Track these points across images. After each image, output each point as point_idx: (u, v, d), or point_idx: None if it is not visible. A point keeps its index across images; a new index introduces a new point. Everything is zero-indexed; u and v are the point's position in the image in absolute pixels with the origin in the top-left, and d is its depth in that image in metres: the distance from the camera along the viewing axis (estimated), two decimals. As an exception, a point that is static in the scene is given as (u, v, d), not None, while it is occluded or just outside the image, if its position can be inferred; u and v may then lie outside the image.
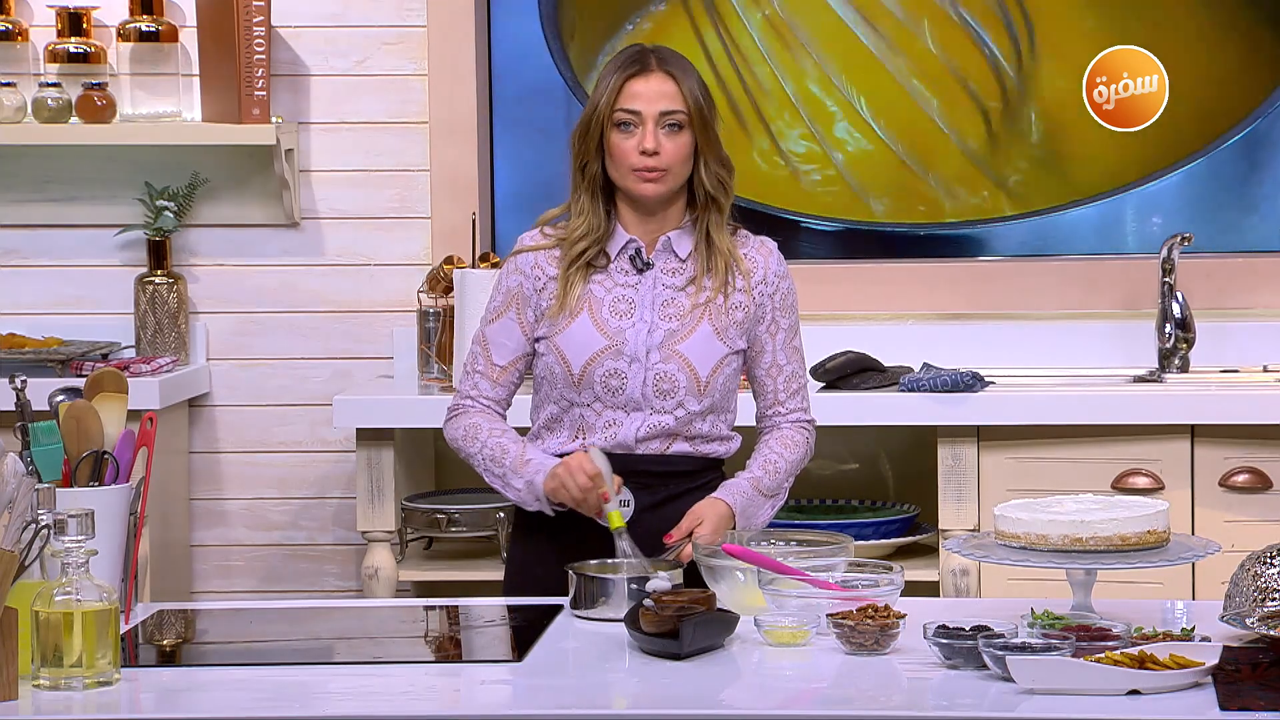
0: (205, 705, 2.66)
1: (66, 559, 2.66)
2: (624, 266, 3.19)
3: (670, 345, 3.16)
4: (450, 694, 2.69)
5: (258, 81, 4.34)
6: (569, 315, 3.17)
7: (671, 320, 3.17)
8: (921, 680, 2.67)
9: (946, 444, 4.14)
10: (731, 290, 3.18)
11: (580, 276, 3.18)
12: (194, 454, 4.54)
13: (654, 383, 3.16)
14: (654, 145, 3.13)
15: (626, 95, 3.14)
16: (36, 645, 2.65)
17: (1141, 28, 4.47)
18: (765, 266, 3.21)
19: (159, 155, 4.46)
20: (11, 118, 4.37)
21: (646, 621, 2.79)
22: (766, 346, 3.21)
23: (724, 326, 3.18)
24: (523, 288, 3.21)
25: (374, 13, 4.49)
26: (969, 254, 4.56)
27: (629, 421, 3.17)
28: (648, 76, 3.14)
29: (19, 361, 4.21)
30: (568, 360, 3.17)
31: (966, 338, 4.46)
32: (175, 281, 4.46)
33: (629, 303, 3.18)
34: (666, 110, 3.14)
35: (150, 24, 4.41)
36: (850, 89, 4.57)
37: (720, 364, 3.18)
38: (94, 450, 2.97)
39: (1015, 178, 4.57)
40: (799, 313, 3.27)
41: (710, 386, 3.17)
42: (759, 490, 3.18)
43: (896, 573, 2.93)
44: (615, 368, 3.16)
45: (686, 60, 3.20)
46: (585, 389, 3.17)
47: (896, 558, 4.12)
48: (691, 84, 3.16)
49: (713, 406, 3.19)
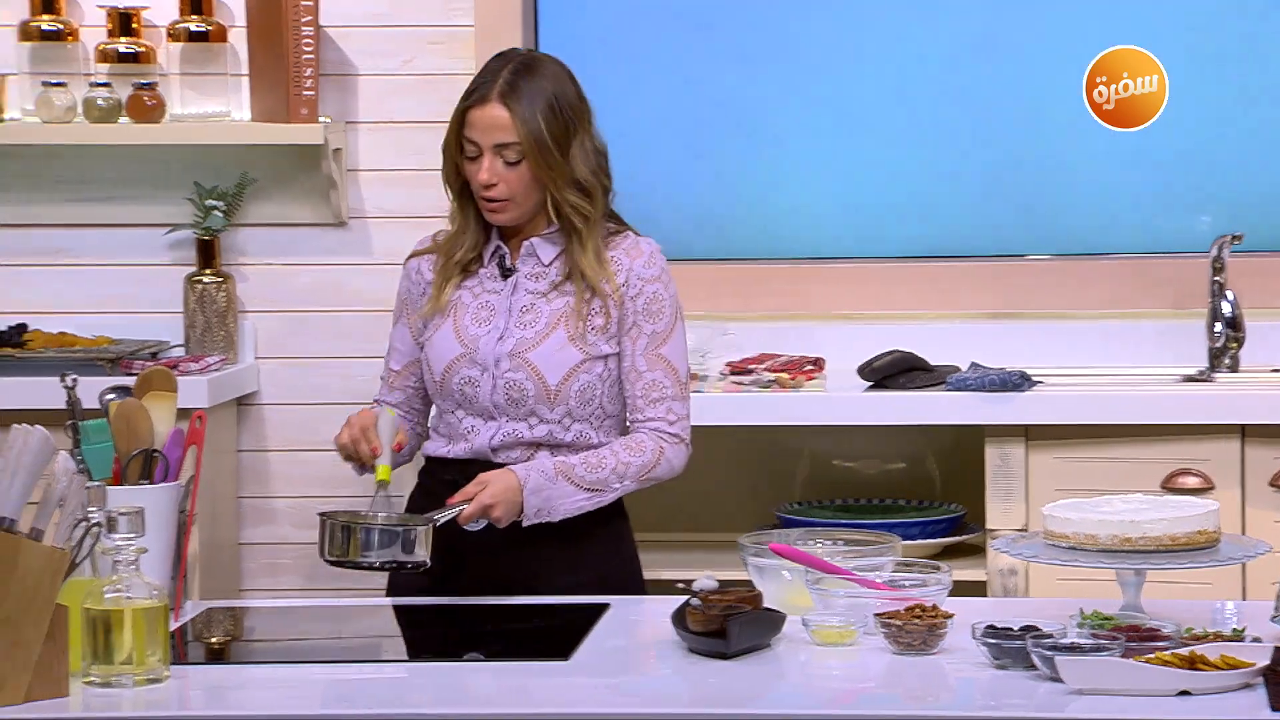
0: (253, 703, 2.67)
1: (117, 557, 2.68)
2: (492, 272, 3.20)
3: (520, 353, 3.14)
4: (497, 692, 2.69)
5: (306, 81, 4.36)
6: (440, 320, 3.18)
7: (526, 327, 3.15)
8: (969, 680, 2.66)
9: (994, 443, 4.12)
10: (592, 295, 3.15)
11: (453, 282, 3.18)
12: (242, 452, 4.55)
13: (504, 390, 3.14)
14: (488, 178, 3.11)
15: (467, 124, 3.13)
16: (87, 642, 2.66)
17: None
18: (629, 270, 3.16)
19: (208, 155, 4.48)
20: (62, 117, 4.39)
21: (693, 620, 2.78)
22: (626, 351, 3.17)
23: (581, 332, 3.14)
24: (410, 293, 3.25)
25: (421, 13, 4.49)
26: (1017, 252, 4.54)
27: (485, 430, 3.17)
28: (484, 106, 3.12)
29: (69, 360, 4.23)
30: (432, 368, 3.20)
31: (1014, 337, 4.44)
32: (224, 280, 4.48)
33: (490, 309, 3.18)
34: (500, 143, 3.11)
35: (200, 24, 4.43)
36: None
37: (575, 371, 3.14)
38: (144, 448, 2.99)
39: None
40: (675, 319, 3.18)
41: (562, 395, 3.14)
42: (566, 476, 3.11)
43: (944, 572, 2.92)
44: (469, 375, 3.16)
45: (545, 77, 3.13)
46: (447, 396, 3.19)
47: (943, 557, 4.10)
48: (533, 112, 3.10)
49: (572, 414, 3.16)
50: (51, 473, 2.68)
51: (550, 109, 3.12)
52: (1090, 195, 4.52)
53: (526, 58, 3.18)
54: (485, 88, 3.13)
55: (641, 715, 2.57)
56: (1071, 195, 4.53)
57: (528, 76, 3.13)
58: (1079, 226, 4.54)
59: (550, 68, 3.17)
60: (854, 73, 4.53)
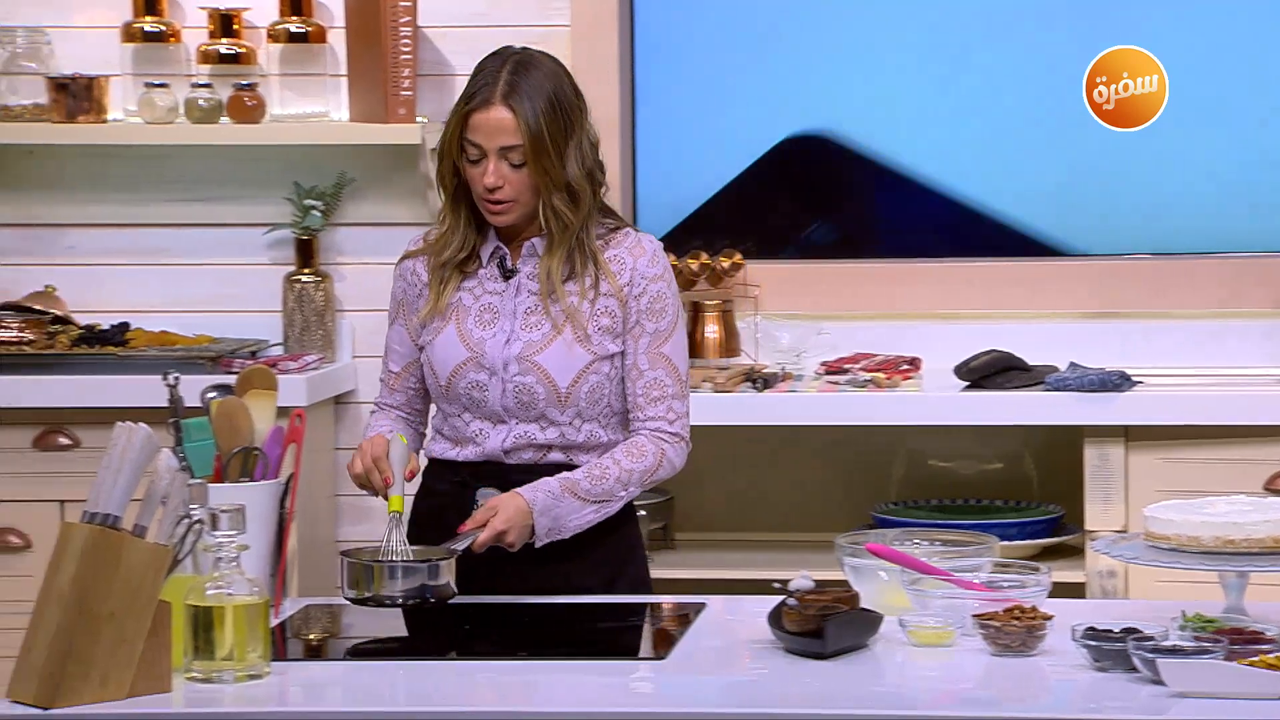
0: (351, 700, 2.68)
1: (218, 554, 2.70)
2: (493, 273, 3.18)
3: (529, 356, 3.12)
4: (594, 691, 2.69)
5: (403, 81, 4.38)
6: (439, 324, 3.17)
7: (533, 330, 3.13)
8: (1069, 682, 2.64)
9: (1093, 444, 4.09)
10: (598, 295, 3.13)
11: (452, 283, 3.17)
12: (339, 451, 4.58)
13: (514, 394, 3.13)
14: (495, 181, 3.08)
15: (469, 127, 3.10)
16: (189, 638, 2.69)
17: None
18: (632, 269, 3.14)
19: (307, 155, 4.51)
20: (164, 118, 4.44)
21: (790, 620, 2.78)
22: (629, 350, 3.14)
23: (589, 333, 3.12)
24: (406, 294, 3.24)
25: (518, 12, 4.51)
26: (1117, 251, 4.50)
27: (495, 433, 3.15)
28: (488, 109, 3.08)
29: (171, 359, 4.27)
30: (436, 372, 3.18)
31: (1114, 336, 4.40)
32: (322, 280, 4.51)
33: (493, 312, 3.16)
34: (505, 146, 3.08)
35: (300, 25, 4.46)
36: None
37: (584, 372, 3.12)
38: (245, 446, 3.01)
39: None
40: (677, 317, 3.16)
41: (572, 397, 3.12)
42: (573, 492, 3.10)
43: (1043, 573, 2.90)
44: (477, 380, 3.14)
45: (543, 73, 3.11)
46: (454, 400, 3.17)
47: (1041, 558, 4.07)
48: (535, 112, 3.07)
49: (582, 415, 3.14)
50: (154, 470, 2.71)
51: (551, 108, 3.09)
52: (1192, 194, 4.48)
53: (522, 55, 3.13)
54: (487, 90, 3.09)
55: (739, 715, 2.57)
56: (1173, 194, 4.49)
57: (526, 75, 3.09)
58: (1180, 225, 4.49)
59: (546, 64, 3.14)
60: (951, 72, 4.51)
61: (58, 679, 2.58)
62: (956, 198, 4.52)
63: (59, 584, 2.62)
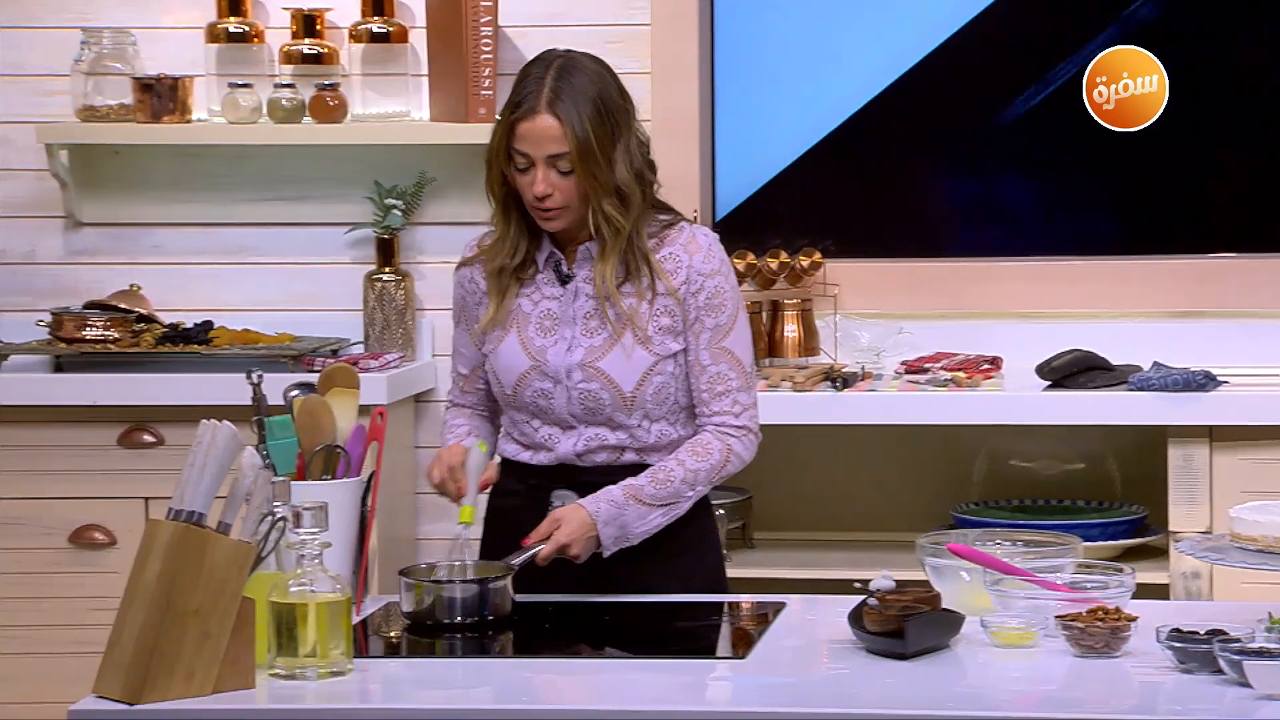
0: (432, 697, 2.69)
1: (301, 551, 2.71)
2: (550, 278, 3.17)
3: (591, 363, 3.12)
4: (675, 690, 2.69)
5: (484, 81, 4.39)
6: (500, 333, 3.16)
7: (594, 335, 3.12)
8: (1154, 684, 2.62)
9: (1177, 444, 4.06)
10: (655, 294, 3.12)
11: (510, 291, 3.16)
12: (419, 449, 4.60)
13: (579, 401, 3.12)
14: (544, 189, 3.07)
15: (516, 136, 3.08)
16: (272, 635, 2.70)
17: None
18: (688, 266, 3.12)
19: (387, 154, 4.53)
20: (247, 118, 4.47)
21: (871, 620, 2.77)
22: (691, 346, 3.13)
23: (649, 334, 3.11)
24: (466, 301, 3.24)
25: (598, 11, 4.51)
26: (1201, 249, 4.46)
27: (566, 439, 3.15)
28: (534, 118, 3.06)
29: (253, 357, 4.30)
30: (501, 380, 3.18)
31: (1198, 336, 4.36)
32: (402, 279, 4.53)
33: (553, 318, 3.15)
34: (552, 154, 3.06)
35: (381, 25, 4.48)
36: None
37: (648, 374, 3.11)
38: (327, 444, 3.03)
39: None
40: (737, 310, 3.14)
41: (638, 400, 3.11)
42: (637, 499, 3.09)
43: (1127, 574, 2.88)
44: (542, 388, 3.14)
45: (588, 78, 3.08)
46: (520, 408, 3.17)
47: (1124, 559, 4.04)
48: (580, 119, 3.05)
49: (650, 416, 3.14)
50: (238, 468, 2.73)
51: (597, 113, 3.07)
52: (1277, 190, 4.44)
53: (566, 60, 3.12)
54: (532, 98, 3.07)
55: (820, 715, 2.56)
56: (1258, 190, 4.44)
57: (570, 80, 3.08)
58: (1265, 223, 4.45)
59: (591, 67, 3.12)
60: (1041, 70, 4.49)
61: (143, 674, 2.60)
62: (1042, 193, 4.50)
63: (145, 581, 2.64)
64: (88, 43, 4.47)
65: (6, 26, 4.58)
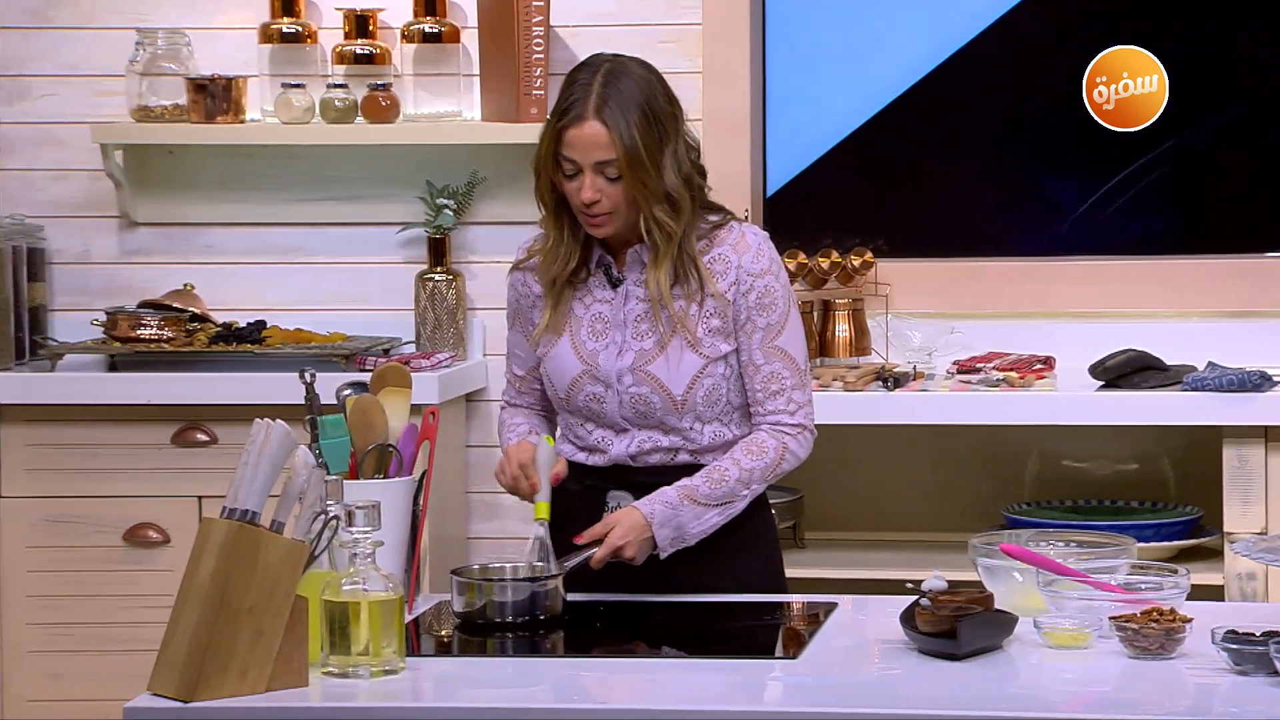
0: (484, 696, 2.70)
1: (354, 549, 2.72)
2: (600, 281, 3.17)
3: (641, 367, 3.12)
4: (727, 690, 2.69)
5: (535, 81, 4.40)
6: (553, 336, 3.16)
7: (644, 338, 3.12)
8: (1209, 686, 2.60)
9: (1232, 444, 4.03)
10: (704, 296, 3.11)
11: (565, 297, 3.16)
12: (470, 448, 4.61)
13: (631, 405, 3.13)
14: (592, 196, 3.06)
15: (564, 143, 3.07)
16: (325, 633, 2.71)
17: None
18: (738, 267, 3.11)
19: (439, 154, 4.54)
20: (300, 118, 4.49)
21: (923, 621, 2.76)
22: (743, 346, 3.13)
23: (699, 336, 3.10)
24: (519, 304, 3.24)
25: (650, 11, 4.51)
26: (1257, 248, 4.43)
27: (619, 441, 3.15)
28: (581, 125, 3.05)
29: (306, 356, 4.32)
30: (554, 383, 3.19)
31: (1254, 336, 4.33)
32: (454, 278, 4.54)
33: (604, 322, 3.15)
34: (600, 161, 3.05)
35: (433, 25, 4.49)
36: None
37: (699, 377, 3.11)
38: (379, 443, 3.03)
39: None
40: (789, 308, 3.13)
41: (689, 403, 3.11)
42: (692, 499, 3.08)
43: (1182, 575, 2.86)
44: (594, 392, 3.14)
45: (635, 83, 3.07)
46: (574, 411, 3.18)
47: (1178, 560, 4.02)
48: (628, 125, 3.04)
49: (701, 418, 3.13)
50: (291, 466, 2.74)
51: (644, 119, 3.06)
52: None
53: (613, 65, 3.11)
54: (580, 105, 3.06)
55: (873, 715, 2.56)
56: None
57: (617, 86, 3.07)
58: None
59: (638, 72, 3.11)
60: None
61: (198, 672, 2.61)
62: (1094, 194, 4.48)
63: (199, 579, 2.65)
64: (142, 43, 4.50)
65: (62, 27, 4.61)
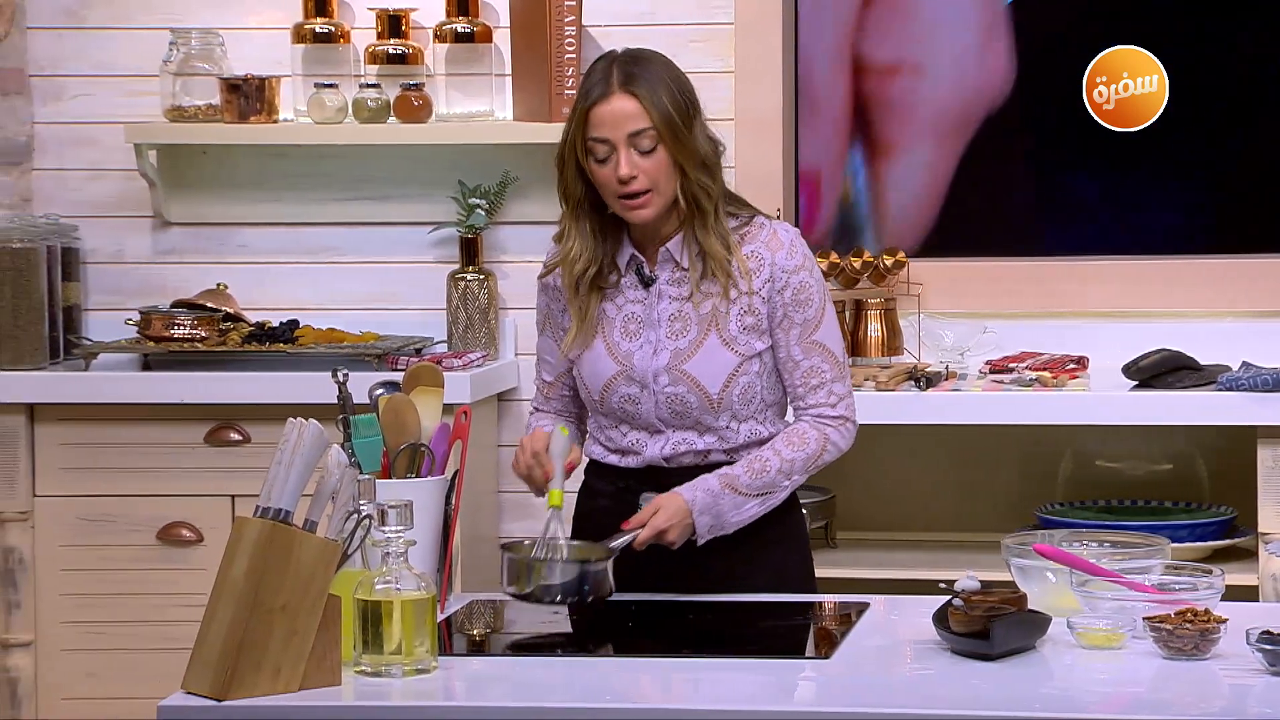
0: (516, 694, 2.70)
1: (386, 549, 2.73)
2: (632, 281, 3.15)
3: (677, 366, 3.11)
4: (759, 690, 2.69)
5: (568, 80, 4.40)
6: (586, 338, 3.15)
7: (678, 337, 3.11)
8: (1244, 687, 2.59)
9: (1267, 444, 4.01)
10: (738, 294, 3.10)
11: (594, 296, 3.14)
12: (502, 448, 4.62)
13: (667, 405, 3.12)
14: (629, 171, 3.04)
15: (592, 124, 3.06)
16: (358, 632, 2.72)
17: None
18: (771, 263, 3.10)
19: (471, 154, 4.55)
20: (333, 118, 4.49)
21: (956, 621, 2.76)
22: (781, 343, 3.12)
23: (733, 334, 3.10)
24: (550, 308, 3.23)
25: (681, 10, 4.51)
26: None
27: (653, 443, 3.15)
28: (609, 100, 3.04)
29: (339, 356, 4.33)
30: (588, 386, 3.18)
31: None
32: (486, 278, 4.54)
33: (638, 322, 3.14)
34: (634, 131, 3.04)
35: (466, 25, 4.50)
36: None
37: (734, 375, 3.10)
38: (412, 442, 3.04)
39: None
40: (824, 302, 3.12)
41: (725, 401, 3.10)
42: (733, 488, 3.08)
43: (1216, 576, 2.85)
44: (629, 393, 3.13)
45: (655, 63, 3.08)
46: (608, 414, 3.17)
47: (1212, 561, 4.01)
48: (657, 94, 3.04)
49: (737, 416, 3.13)
50: (324, 465, 2.74)
51: (671, 90, 3.07)
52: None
53: (632, 51, 3.12)
54: (602, 84, 3.07)
55: (906, 715, 2.55)
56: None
57: (639, 66, 3.08)
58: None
59: (657, 57, 3.13)
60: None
61: (231, 671, 2.62)
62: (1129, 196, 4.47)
63: (233, 577, 2.66)
64: (176, 43, 4.51)
65: (96, 27, 4.62)
